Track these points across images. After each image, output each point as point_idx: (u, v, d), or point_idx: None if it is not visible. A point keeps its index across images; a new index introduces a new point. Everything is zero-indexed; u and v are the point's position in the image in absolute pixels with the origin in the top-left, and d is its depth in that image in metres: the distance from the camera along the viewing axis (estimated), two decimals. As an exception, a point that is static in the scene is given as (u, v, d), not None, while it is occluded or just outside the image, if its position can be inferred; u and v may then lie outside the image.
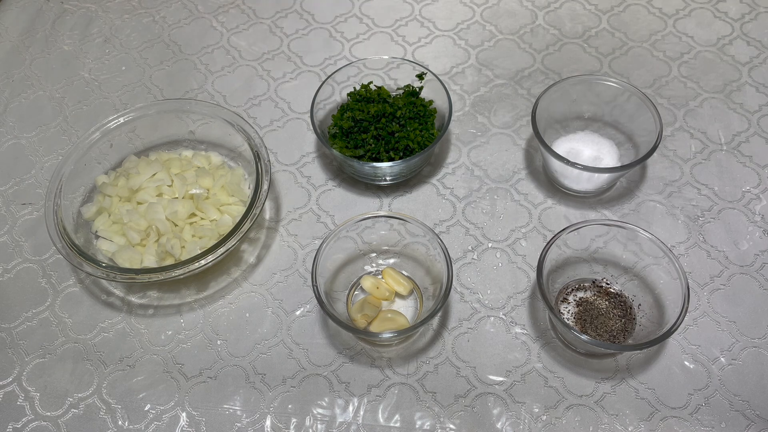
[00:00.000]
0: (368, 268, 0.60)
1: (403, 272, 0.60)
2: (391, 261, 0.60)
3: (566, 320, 0.56)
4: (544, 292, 0.52)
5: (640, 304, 0.56)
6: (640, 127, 0.63)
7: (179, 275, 0.55)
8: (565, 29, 0.77)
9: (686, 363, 0.55)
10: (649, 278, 0.55)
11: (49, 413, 0.55)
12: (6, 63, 0.78)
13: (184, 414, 0.54)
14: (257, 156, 0.61)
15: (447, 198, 0.65)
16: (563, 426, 0.52)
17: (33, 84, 0.76)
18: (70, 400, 0.55)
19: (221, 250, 0.56)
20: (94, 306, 0.60)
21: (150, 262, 0.58)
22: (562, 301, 0.57)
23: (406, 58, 0.75)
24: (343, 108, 0.66)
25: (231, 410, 0.54)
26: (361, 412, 0.54)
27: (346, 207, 0.65)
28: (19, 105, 0.74)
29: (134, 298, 0.60)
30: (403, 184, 0.66)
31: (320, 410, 0.54)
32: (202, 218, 0.61)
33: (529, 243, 0.62)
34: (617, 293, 0.57)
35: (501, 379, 0.55)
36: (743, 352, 0.55)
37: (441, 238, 0.55)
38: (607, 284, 0.58)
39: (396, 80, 0.70)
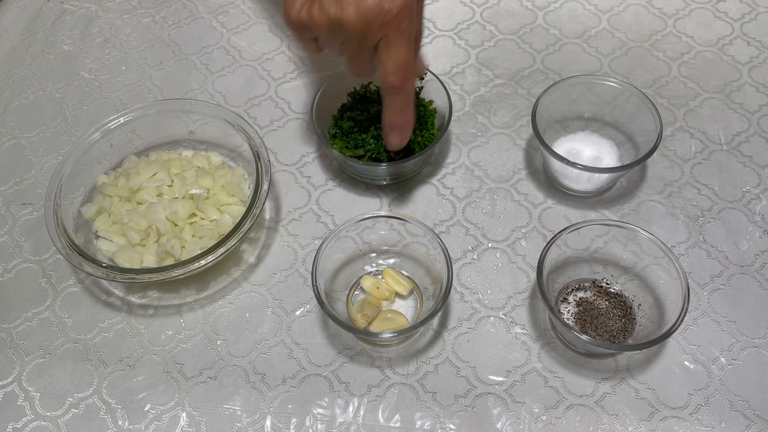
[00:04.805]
0: (368, 268, 0.60)
1: (403, 272, 0.60)
2: (391, 261, 0.60)
3: (566, 320, 0.56)
4: (544, 292, 0.52)
5: (640, 304, 0.56)
6: (640, 127, 0.63)
7: (179, 275, 0.55)
8: (565, 29, 0.77)
9: (686, 363, 0.55)
10: (649, 278, 0.55)
11: (49, 413, 0.55)
12: (6, 63, 0.78)
13: (184, 414, 0.54)
14: (257, 156, 0.61)
15: (447, 198, 0.65)
16: (563, 426, 0.52)
17: (33, 84, 0.76)
18: (70, 400, 0.55)
19: (221, 250, 0.56)
20: (94, 306, 0.60)
21: (150, 262, 0.58)
22: (562, 301, 0.57)
23: (406, 58, 0.75)
24: (343, 108, 0.66)
25: (231, 410, 0.54)
26: (361, 412, 0.54)
27: (346, 207, 0.65)
28: (19, 105, 0.74)
29: (134, 298, 0.60)
30: (403, 184, 0.66)
31: (320, 410, 0.54)
32: (202, 218, 0.61)
33: (529, 243, 0.62)
34: (617, 293, 0.57)
35: (501, 379, 0.55)
36: (743, 352, 0.55)
37: (441, 238, 0.55)
38: (607, 284, 0.58)
39: (396, 80, 0.70)
